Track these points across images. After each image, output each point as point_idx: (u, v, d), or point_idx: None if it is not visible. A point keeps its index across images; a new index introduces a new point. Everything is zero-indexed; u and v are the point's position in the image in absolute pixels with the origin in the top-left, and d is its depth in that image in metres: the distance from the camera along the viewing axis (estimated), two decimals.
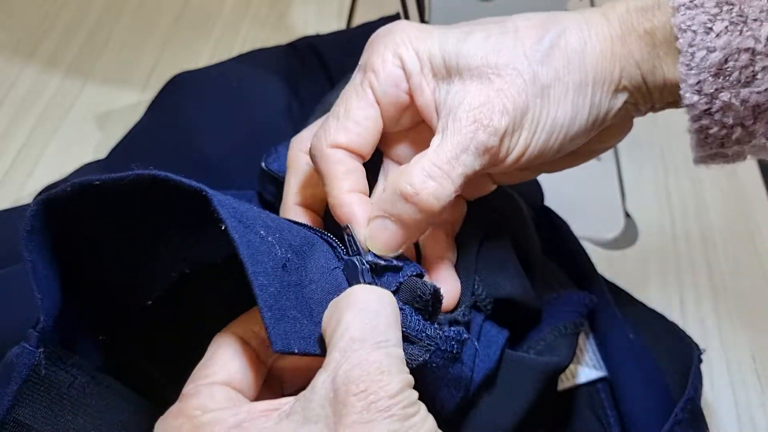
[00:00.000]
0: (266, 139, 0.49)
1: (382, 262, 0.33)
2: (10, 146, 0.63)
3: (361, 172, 0.36)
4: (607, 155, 0.70)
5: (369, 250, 0.34)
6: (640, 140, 0.72)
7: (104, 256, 0.33)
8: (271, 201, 0.45)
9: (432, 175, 0.33)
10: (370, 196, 0.36)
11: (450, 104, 0.34)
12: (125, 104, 0.68)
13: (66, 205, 0.30)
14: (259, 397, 0.31)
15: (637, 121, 0.39)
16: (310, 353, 0.30)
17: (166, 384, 0.37)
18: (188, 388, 0.29)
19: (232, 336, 0.31)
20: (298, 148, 0.39)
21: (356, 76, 0.37)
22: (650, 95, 0.36)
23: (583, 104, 0.34)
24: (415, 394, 0.27)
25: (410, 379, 0.28)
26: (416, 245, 0.38)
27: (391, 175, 0.38)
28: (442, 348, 0.33)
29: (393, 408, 0.26)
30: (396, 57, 0.35)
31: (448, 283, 0.36)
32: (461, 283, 0.37)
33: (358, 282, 0.32)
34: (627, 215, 0.65)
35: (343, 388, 0.26)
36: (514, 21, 0.35)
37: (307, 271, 0.32)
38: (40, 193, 0.54)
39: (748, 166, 0.72)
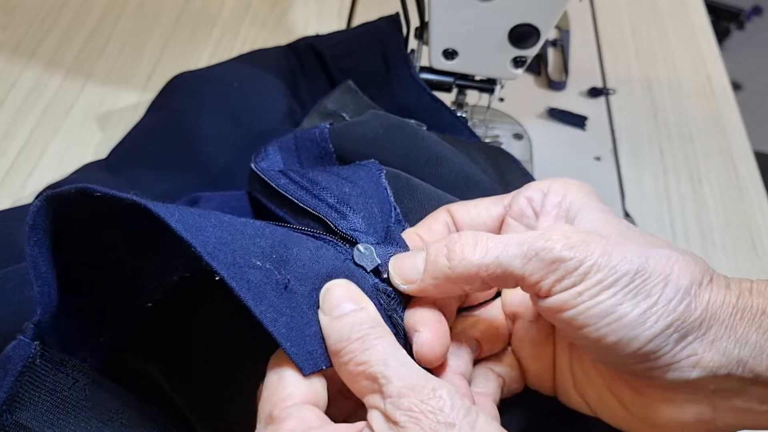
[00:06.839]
0: (266, 139, 0.49)
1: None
2: (10, 146, 0.63)
3: None
4: (607, 155, 0.70)
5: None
6: (640, 140, 0.72)
7: (103, 258, 0.33)
8: (259, 199, 0.45)
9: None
10: None
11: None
12: (126, 104, 0.68)
13: (68, 205, 0.30)
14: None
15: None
16: None
17: (167, 386, 0.37)
18: (276, 411, 0.29)
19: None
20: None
21: None
22: None
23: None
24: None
25: None
26: None
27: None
28: None
29: None
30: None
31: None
32: None
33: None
34: (627, 215, 0.65)
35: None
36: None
37: (314, 276, 0.32)
38: (41, 193, 0.55)
39: (748, 166, 0.72)
